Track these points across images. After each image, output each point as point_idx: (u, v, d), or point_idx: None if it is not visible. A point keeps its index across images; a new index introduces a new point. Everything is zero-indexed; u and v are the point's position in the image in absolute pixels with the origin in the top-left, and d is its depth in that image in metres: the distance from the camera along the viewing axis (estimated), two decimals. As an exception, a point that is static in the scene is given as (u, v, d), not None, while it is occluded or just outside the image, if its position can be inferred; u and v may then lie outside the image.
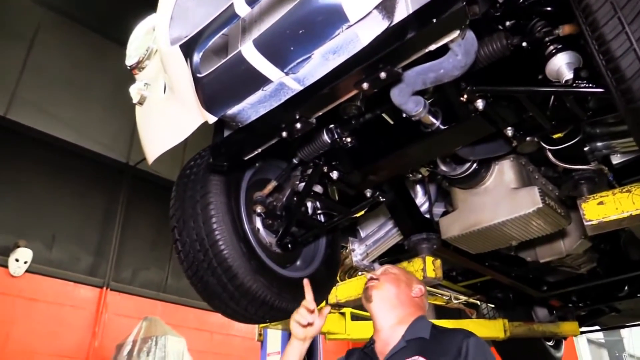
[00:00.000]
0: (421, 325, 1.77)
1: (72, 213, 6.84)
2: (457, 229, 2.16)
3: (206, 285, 1.97)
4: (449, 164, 2.11)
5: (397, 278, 1.91)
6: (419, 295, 1.89)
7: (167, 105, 1.84)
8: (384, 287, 1.88)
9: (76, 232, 6.82)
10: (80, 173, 7.02)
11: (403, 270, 2.02)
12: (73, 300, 6.48)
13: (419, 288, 1.92)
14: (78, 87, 6.96)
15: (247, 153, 1.79)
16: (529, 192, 2.01)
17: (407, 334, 1.74)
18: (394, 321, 1.80)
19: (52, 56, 6.88)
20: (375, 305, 1.86)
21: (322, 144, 1.93)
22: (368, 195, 2.06)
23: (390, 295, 1.86)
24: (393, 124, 1.89)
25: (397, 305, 1.83)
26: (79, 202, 6.95)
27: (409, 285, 1.90)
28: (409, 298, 1.86)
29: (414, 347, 1.68)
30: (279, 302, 2.01)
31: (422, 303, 1.91)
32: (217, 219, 1.90)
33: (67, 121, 6.85)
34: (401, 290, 1.87)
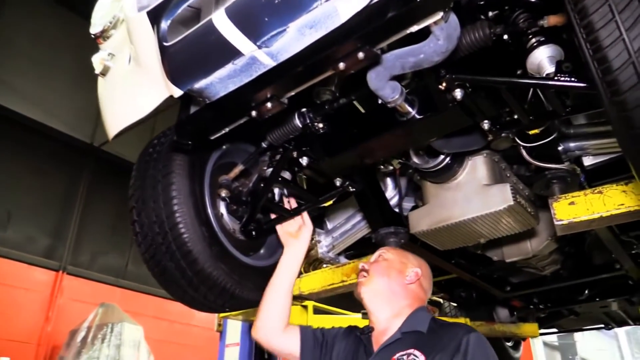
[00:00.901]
0: (419, 318, 1.71)
1: (30, 192, 6.58)
2: (426, 223, 2.12)
3: (164, 270, 1.88)
4: (421, 156, 2.06)
5: (388, 267, 1.82)
6: (413, 281, 1.80)
7: (131, 77, 1.73)
8: (374, 281, 1.80)
9: (33, 212, 6.56)
10: (41, 151, 6.76)
11: (399, 252, 1.92)
12: (26, 283, 6.23)
13: (414, 272, 1.81)
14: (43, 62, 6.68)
15: (214, 132, 1.70)
16: (500, 189, 1.97)
17: (403, 326, 1.68)
18: (389, 314, 1.74)
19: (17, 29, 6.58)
20: (367, 302, 1.79)
21: (293, 128, 1.86)
22: (338, 184, 1.99)
23: (381, 288, 1.78)
24: (367, 111, 1.83)
25: (390, 298, 1.76)
26: (38, 181, 6.69)
27: (401, 272, 1.81)
28: (402, 288, 1.78)
29: (410, 340, 1.62)
30: (240, 291, 1.93)
31: (419, 290, 1.82)
32: (179, 201, 1.81)
33: (29, 97, 6.57)
34: (393, 280, 1.78)
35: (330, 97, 1.86)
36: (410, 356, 1.55)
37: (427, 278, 1.89)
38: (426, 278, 1.88)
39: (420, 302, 1.80)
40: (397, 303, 1.75)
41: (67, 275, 6.62)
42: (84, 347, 5.04)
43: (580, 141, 2.05)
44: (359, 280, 1.86)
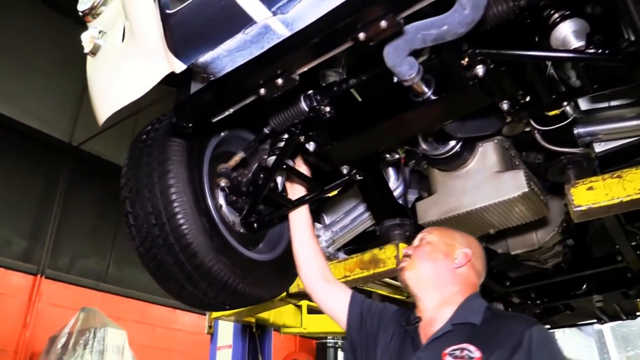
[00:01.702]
0: (472, 307, 1.53)
1: (5, 192, 6.30)
2: (435, 213, 2.03)
3: (160, 265, 1.74)
4: (430, 143, 1.98)
5: (433, 250, 1.65)
6: (463, 264, 1.61)
7: (126, 54, 1.60)
8: (418, 267, 1.65)
9: (9, 214, 6.28)
10: (16, 149, 6.48)
11: (443, 232, 1.74)
12: (2, 288, 5.95)
13: (463, 254, 1.62)
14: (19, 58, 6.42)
15: (217, 113, 1.59)
16: (514, 175, 1.90)
17: (455, 317, 1.51)
18: (437, 302, 1.59)
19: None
20: (412, 289, 1.65)
21: (299, 112, 1.75)
22: (344, 172, 1.89)
23: (427, 274, 1.63)
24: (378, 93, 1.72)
25: (437, 284, 1.61)
26: (13, 181, 6.41)
27: (449, 255, 1.63)
28: (451, 273, 1.61)
29: (462, 333, 1.46)
30: (242, 286, 1.80)
31: (470, 273, 1.63)
32: (177, 190, 1.68)
33: (3, 92, 6.30)
34: (439, 265, 1.62)
35: (337, 79, 1.76)
36: (463, 351, 1.39)
37: (478, 258, 1.69)
38: (478, 258, 1.68)
39: (472, 287, 1.62)
40: (445, 290, 1.59)
41: (45, 279, 6.36)
42: (64, 353, 4.83)
43: (591, 126, 1.98)
44: (401, 264, 1.71)
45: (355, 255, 2.36)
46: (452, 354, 1.39)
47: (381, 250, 2.24)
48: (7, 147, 6.39)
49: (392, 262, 2.18)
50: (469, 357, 1.36)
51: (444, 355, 1.40)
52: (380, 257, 2.24)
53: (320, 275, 1.84)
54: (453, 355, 1.39)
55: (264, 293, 1.92)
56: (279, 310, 3.65)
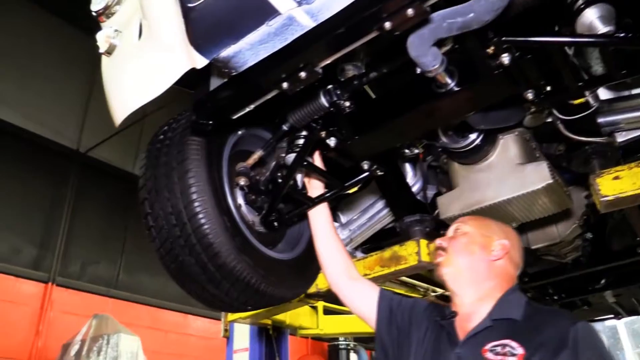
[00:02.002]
0: (512, 302, 1.46)
1: (14, 201, 6.29)
2: (457, 207, 2.00)
3: (181, 266, 1.72)
4: (451, 136, 1.95)
5: (470, 242, 1.57)
6: (501, 256, 1.54)
7: (144, 51, 1.57)
8: (454, 261, 1.57)
9: (18, 222, 6.27)
10: (25, 158, 6.48)
11: (478, 222, 1.66)
12: (14, 296, 5.94)
13: (500, 245, 1.55)
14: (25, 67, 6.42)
15: (237, 110, 1.57)
16: (537, 167, 1.87)
17: (494, 312, 1.45)
18: (474, 297, 1.52)
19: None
20: (450, 283, 1.59)
21: (319, 107, 1.72)
22: (365, 167, 1.86)
23: (464, 268, 1.55)
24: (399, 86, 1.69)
25: (474, 279, 1.53)
26: (23, 190, 6.41)
27: (486, 247, 1.55)
28: (488, 266, 1.54)
29: (502, 329, 1.39)
30: (265, 286, 1.78)
31: (509, 266, 1.56)
32: (197, 189, 1.66)
33: (10, 101, 6.30)
34: (476, 259, 1.54)
35: (356, 73, 1.73)
36: (505, 347, 1.33)
37: (516, 249, 1.61)
38: (516, 249, 1.61)
39: (510, 280, 1.56)
40: (483, 284, 1.52)
41: (56, 286, 6.34)
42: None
43: (613, 116, 1.94)
44: (436, 260, 1.66)
45: (375, 253, 2.34)
46: (493, 350, 1.34)
47: (402, 247, 2.21)
48: (15, 156, 6.39)
49: (413, 258, 2.15)
50: (511, 353, 1.31)
51: (484, 352, 1.35)
52: (401, 254, 2.21)
53: (345, 273, 1.79)
54: (494, 352, 1.34)
55: (286, 293, 1.89)
56: (295, 311, 3.61)
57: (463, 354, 1.41)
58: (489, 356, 1.34)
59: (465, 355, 1.41)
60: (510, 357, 1.31)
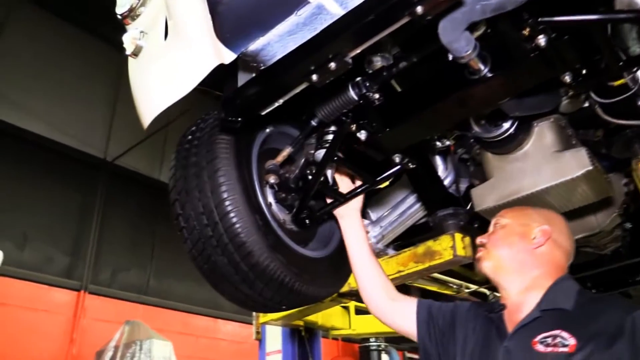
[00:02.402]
0: (562, 291, 1.40)
1: (45, 211, 6.41)
2: (493, 198, 1.94)
3: (214, 267, 1.70)
4: (484, 125, 1.90)
5: (508, 233, 1.54)
6: (542, 243, 1.49)
7: (171, 50, 1.56)
8: (493, 254, 1.54)
9: (50, 232, 6.39)
10: (54, 168, 6.60)
11: (517, 212, 1.62)
12: (47, 305, 6.04)
13: (541, 231, 1.50)
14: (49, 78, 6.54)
15: (267, 105, 1.54)
16: (576, 154, 1.80)
17: (543, 303, 1.39)
18: (521, 287, 1.48)
19: (21, 45, 6.46)
20: (492, 277, 1.55)
21: (348, 100, 1.69)
22: (397, 161, 1.82)
23: (505, 260, 1.51)
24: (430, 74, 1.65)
25: (518, 269, 1.49)
26: (53, 200, 6.53)
27: (525, 235, 1.51)
28: (530, 255, 1.49)
29: (553, 319, 1.33)
30: (299, 285, 1.75)
31: (554, 252, 1.50)
32: (228, 187, 1.64)
33: (38, 113, 6.43)
34: (517, 249, 1.50)
35: (384, 64, 1.70)
36: (556, 339, 1.27)
37: (562, 234, 1.55)
38: (561, 234, 1.54)
39: (558, 268, 1.49)
40: (528, 274, 1.48)
41: (88, 294, 6.43)
42: (112, 367, 4.86)
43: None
44: (477, 255, 1.62)
45: (408, 249, 2.29)
46: (544, 342, 1.29)
47: (436, 242, 2.16)
48: (45, 167, 6.51)
49: (448, 253, 2.11)
50: (563, 344, 1.25)
51: (534, 344, 1.30)
52: (435, 249, 2.16)
53: (386, 297, 1.74)
54: (544, 343, 1.28)
55: (320, 291, 1.86)
56: (327, 312, 3.58)
57: (512, 347, 1.36)
58: (539, 348, 1.29)
59: (514, 348, 1.35)
60: (562, 349, 1.26)
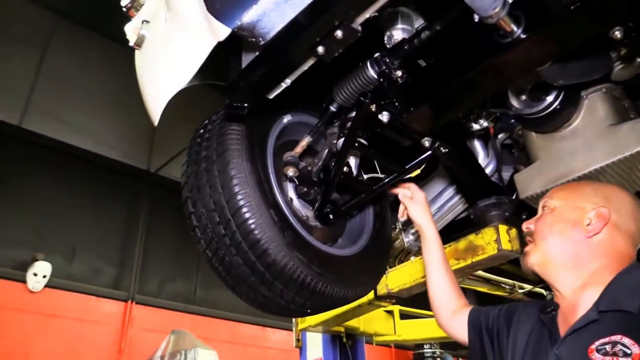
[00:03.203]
0: (626, 287, 1.14)
1: (92, 224, 6.55)
2: (540, 183, 1.72)
3: (229, 267, 1.57)
4: (524, 101, 1.69)
5: (557, 219, 1.29)
6: (598, 229, 1.22)
7: (170, 36, 1.47)
8: (542, 248, 1.29)
9: (97, 244, 6.51)
10: (99, 181, 6.74)
11: (569, 191, 1.35)
12: (96, 316, 6.14)
13: (597, 214, 1.23)
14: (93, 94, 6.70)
15: (273, 87, 1.41)
16: (634, 126, 1.57)
17: (601, 302, 1.14)
18: (576, 285, 1.22)
19: (65, 63, 6.66)
20: (542, 275, 1.31)
21: (367, 80, 1.54)
22: (427, 145, 1.63)
23: (555, 255, 1.27)
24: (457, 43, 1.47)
25: (570, 264, 1.24)
26: (99, 212, 6.66)
27: (578, 222, 1.25)
28: (585, 245, 1.23)
29: (613, 322, 1.09)
30: (323, 285, 1.59)
31: (616, 238, 1.23)
32: (240, 181, 1.51)
33: (83, 129, 6.60)
34: (568, 239, 1.25)
35: (406, 36, 1.53)
36: (616, 346, 1.04)
37: (625, 214, 1.26)
38: (624, 214, 1.25)
39: (622, 257, 1.22)
40: (583, 269, 1.22)
41: (136, 304, 6.50)
42: (159, 376, 4.86)
43: None
44: (525, 249, 1.38)
45: (448, 245, 2.09)
46: (601, 350, 1.06)
47: (478, 236, 1.96)
48: (90, 180, 6.66)
49: (492, 247, 1.90)
50: (624, 353, 1.02)
51: (591, 352, 1.07)
52: (477, 244, 1.95)
53: (451, 309, 1.58)
54: (602, 352, 1.05)
55: (348, 292, 1.69)
56: (368, 317, 3.39)
57: (564, 354, 1.14)
58: (596, 357, 1.06)
59: (566, 355, 1.13)
60: (623, 358, 1.02)
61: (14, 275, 5.70)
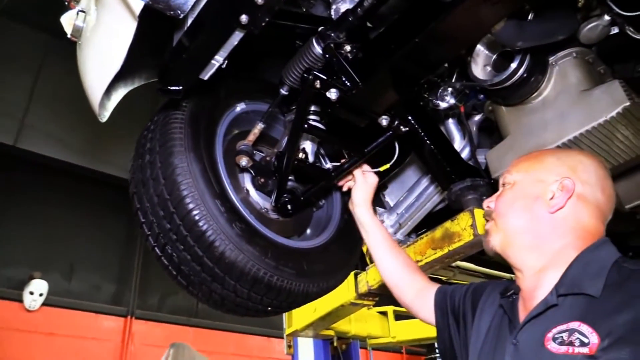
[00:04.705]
0: (589, 268, 1.01)
1: (91, 240, 6.49)
2: (512, 159, 1.58)
3: (179, 265, 1.48)
4: (488, 72, 1.58)
5: (518, 195, 1.16)
6: (562, 204, 1.08)
7: (99, 23, 1.39)
8: (503, 227, 1.16)
9: (96, 260, 6.44)
10: (97, 197, 6.69)
11: (531, 162, 1.21)
12: (96, 332, 6.05)
13: (560, 187, 1.09)
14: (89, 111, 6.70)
15: (204, 66, 1.31)
16: (607, 88, 1.44)
17: (560, 285, 1.01)
18: (538, 266, 1.09)
19: (59, 82, 6.62)
20: (505, 256, 1.17)
21: (314, 57, 1.45)
22: (384, 124, 1.53)
23: (515, 234, 1.14)
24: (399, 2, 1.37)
25: (532, 244, 1.11)
26: (97, 228, 6.60)
27: (540, 196, 1.11)
28: (549, 222, 1.09)
29: (573, 307, 0.97)
30: (279, 280, 1.48)
31: (580, 214, 1.08)
32: (182, 170, 1.42)
33: (79, 146, 6.56)
34: (530, 216, 1.12)
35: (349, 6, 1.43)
36: (573, 334, 0.92)
37: (592, 183, 1.11)
38: (591, 183, 1.11)
39: (588, 233, 1.08)
40: (546, 248, 1.09)
41: (136, 319, 6.41)
42: (159, 391, 4.75)
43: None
44: (486, 227, 1.24)
45: (425, 235, 1.96)
46: (558, 339, 0.94)
47: (453, 222, 1.82)
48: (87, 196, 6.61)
49: (468, 233, 1.76)
50: (581, 342, 0.90)
51: (547, 341, 0.95)
52: (453, 230, 1.82)
53: (415, 293, 1.48)
54: (558, 341, 0.93)
55: (309, 287, 1.58)
56: (360, 319, 3.25)
57: (520, 343, 1.02)
58: (551, 347, 0.93)
59: (523, 344, 1.01)
60: (579, 348, 0.89)
61: (10, 294, 5.65)
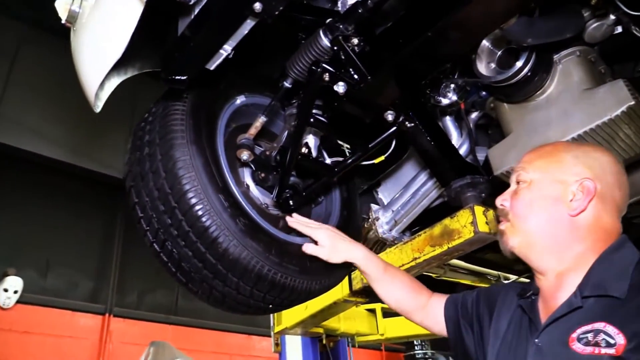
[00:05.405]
0: (612, 269, 1.00)
1: (67, 236, 6.32)
2: (514, 157, 1.59)
3: (179, 261, 1.44)
4: (493, 68, 1.58)
5: (537, 197, 1.13)
6: (584, 207, 1.06)
7: (99, 8, 1.33)
8: (522, 229, 1.14)
9: (73, 256, 6.29)
10: (74, 192, 6.53)
11: (547, 158, 1.17)
12: (72, 331, 5.91)
13: (580, 188, 1.07)
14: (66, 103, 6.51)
15: (211, 55, 1.27)
16: (611, 88, 1.45)
17: (584, 286, 1.01)
18: (560, 268, 1.08)
19: (35, 72, 6.45)
20: (523, 257, 1.16)
21: (321, 50, 1.42)
22: (390, 119, 1.51)
23: (535, 237, 1.12)
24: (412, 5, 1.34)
25: (553, 247, 1.09)
26: (74, 224, 6.44)
27: (560, 199, 1.09)
28: (569, 225, 1.08)
29: (597, 308, 0.96)
30: (282, 277, 1.45)
31: (600, 216, 1.07)
32: (184, 164, 1.37)
33: (56, 139, 6.37)
34: (550, 219, 1.09)
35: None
36: (599, 335, 0.91)
37: (612, 182, 1.10)
38: (611, 183, 1.10)
39: (607, 234, 1.07)
40: (567, 251, 1.08)
41: (114, 317, 6.28)
42: (139, 389, 4.67)
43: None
44: (499, 228, 1.22)
45: (423, 232, 1.95)
46: (583, 339, 0.94)
47: (453, 219, 1.82)
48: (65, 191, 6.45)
49: (468, 230, 1.76)
50: (607, 343, 0.90)
51: (572, 341, 0.95)
52: (453, 228, 1.82)
53: (416, 305, 1.48)
54: (584, 341, 0.93)
55: (312, 284, 1.55)
56: (349, 316, 3.24)
57: (544, 344, 1.01)
58: (576, 347, 0.93)
59: (546, 345, 1.01)
60: (605, 349, 0.89)
61: (-17, 292, 5.48)
